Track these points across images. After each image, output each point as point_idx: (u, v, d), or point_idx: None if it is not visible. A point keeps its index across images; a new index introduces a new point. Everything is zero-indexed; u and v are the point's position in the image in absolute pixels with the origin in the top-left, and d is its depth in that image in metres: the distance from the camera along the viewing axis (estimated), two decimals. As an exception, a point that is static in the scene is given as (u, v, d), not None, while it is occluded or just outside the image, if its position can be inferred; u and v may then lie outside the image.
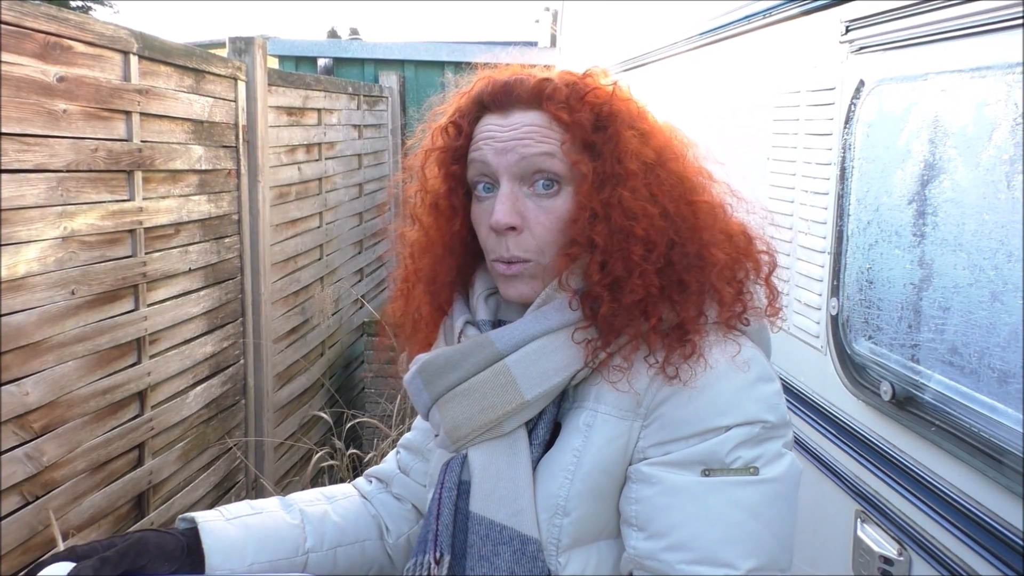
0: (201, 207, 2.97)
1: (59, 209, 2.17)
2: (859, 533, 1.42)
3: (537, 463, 0.93)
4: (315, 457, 3.78)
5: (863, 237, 1.42)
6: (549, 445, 0.93)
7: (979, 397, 1.11)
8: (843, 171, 1.49)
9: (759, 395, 0.89)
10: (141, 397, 2.58)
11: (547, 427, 0.93)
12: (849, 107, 1.47)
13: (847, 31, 1.49)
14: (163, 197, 2.69)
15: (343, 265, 4.78)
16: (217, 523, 1.04)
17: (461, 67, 1.09)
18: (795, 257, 1.70)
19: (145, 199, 2.56)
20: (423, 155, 1.06)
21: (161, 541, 0.99)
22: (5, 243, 1.99)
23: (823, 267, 1.57)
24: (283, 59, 7.14)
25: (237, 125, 3.26)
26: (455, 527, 0.93)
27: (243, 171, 3.31)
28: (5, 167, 1.98)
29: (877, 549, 1.35)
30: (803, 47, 1.71)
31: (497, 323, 1.00)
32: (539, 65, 1.03)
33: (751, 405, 0.87)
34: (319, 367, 4.32)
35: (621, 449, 0.90)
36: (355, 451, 3.99)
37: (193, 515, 1.04)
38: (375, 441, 4.21)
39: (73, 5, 12.62)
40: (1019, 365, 1.03)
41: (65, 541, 2.14)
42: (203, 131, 2.98)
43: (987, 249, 1.10)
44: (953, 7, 1.19)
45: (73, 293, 2.23)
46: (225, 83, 3.18)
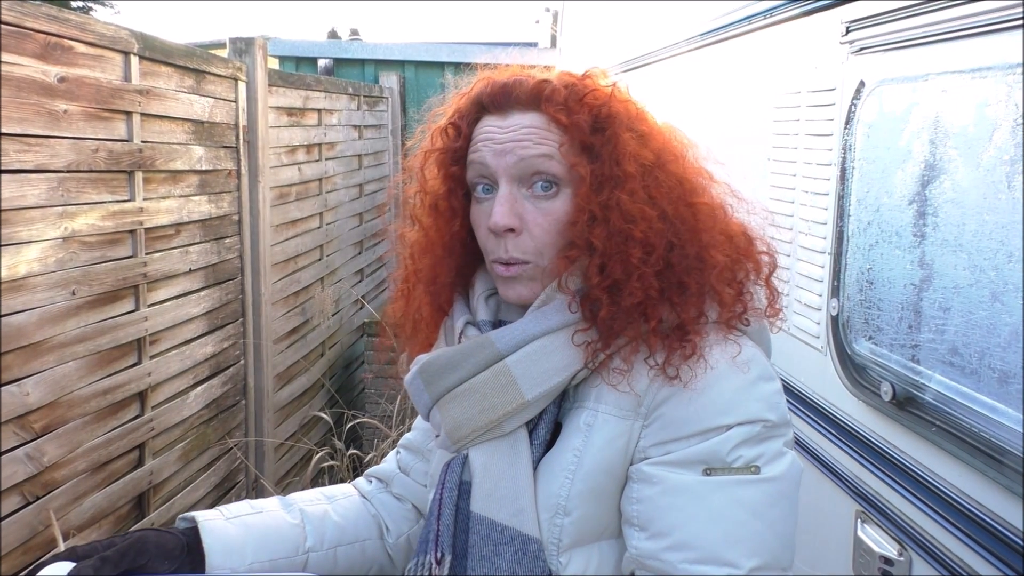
0: (201, 207, 2.97)
1: (60, 209, 2.17)
2: (859, 533, 1.42)
3: (538, 463, 0.93)
4: (315, 457, 3.78)
5: (863, 237, 1.42)
6: (550, 445, 0.93)
7: (979, 397, 1.11)
8: (843, 172, 1.49)
9: (760, 394, 0.89)
10: (141, 397, 2.58)
11: (548, 427, 0.94)
12: (849, 108, 1.47)
13: (848, 32, 1.49)
14: (163, 197, 2.69)
15: (343, 266, 4.78)
16: (217, 522, 1.04)
17: (461, 68, 1.09)
18: (795, 258, 1.70)
19: (146, 199, 2.56)
20: (422, 156, 1.06)
21: (161, 540, 0.99)
22: (6, 243, 1.99)
23: (823, 267, 1.57)
24: (283, 60, 7.15)
25: (237, 125, 3.26)
26: (456, 527, 0.93)
27: (243, 171, 3.31)
28: (6, 167, 1.99)
29: (877, 549, 1.35)
30: (804, 48, 1.71)
31: (498, 323, 1.00)
32: (538, 66, 1.03)
33: (752, 404, 0.88)
34: (319, 367, 4.32)
35: (622, 449, 0.90)
36: (355, 451, 3.99)
37: (193, 514, 1.04)
38: (375, 442, 4.21)
39: (74, 5, 12.62)
40: (1019, 365, 1.03)
41: (66, 541, 2.14)
42: (203, 131, 2.99)
43: (987, 250, 1.10)
44: (953, 8, 1.19)
45: (74, 293, 2.23)
46: (225, 83, 3.18)
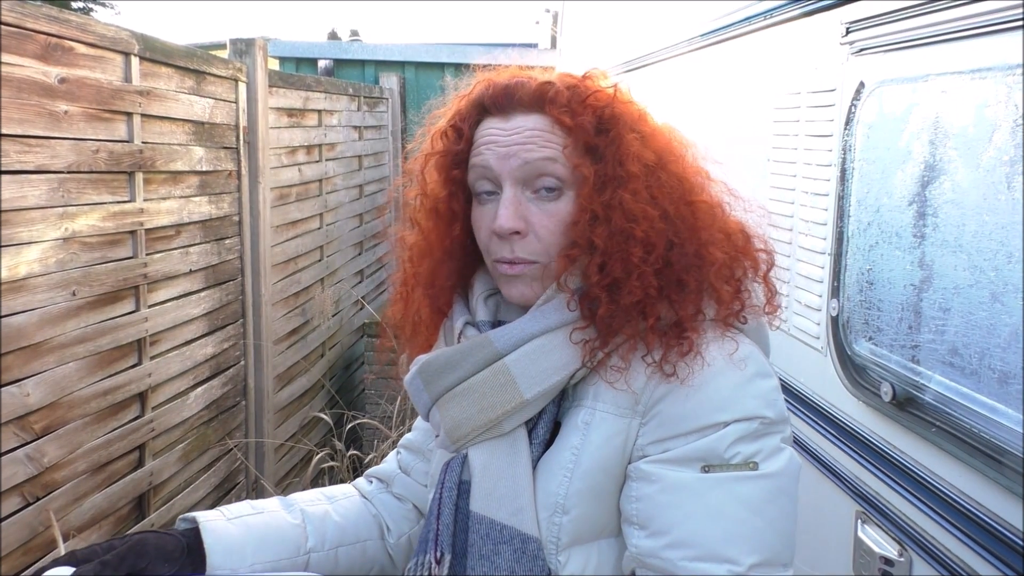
0: (202, 208, 2.97)
1: (60, 210, 2.18)
2: (860, 534, 1.42)
3: (537, 462, 0.93)
4: (315, 458, 3.78)
5: (863, 238, 1.42)
6: (549, 444, 0.94)
7: (979, 398, 1.11)
8: (843, 172, 1.50)
9: (757, 391, 0.89)
10: (142, 398, 2.58)
11: (547, 426, 0.94)
12: (849, 108, 1.48)
13: (848, 33, 1.49)
14: (164, 198, 2.69)
15: (343, 266, 4.78)
16: (218, 522, 1.04)
17: (461, 68, 1.09)
18: (795, 258, 1.70)
19: (146, 200, 2.57)
20: (423, 159, 1.06)
21: (160, 542, 0.98)
22: (6, 244, 1.99)
23: (823, 268, 1.57)
24: (283, 60, 7.15)
25: (238, 126, 3.26)
26: (456, 527, 0.93)
27: (244, 172, 3.31)
28: (6, 168, 1.99)
29: (878, 550, 1.35)
30: (804, 49, 1.71)
31: (497, 324, 1.00)
32: (537, 67, 1.03)
33: (749, 401, 0.88)
34: (319, 368, 4.32)
35: (620, 447, 0.90)
36: (355, 452, 3.99)
37: (194, 515, 1.04)
38: (375, 442, 4.21)
39: (74, 6, 12.63)
40: (1019, 366, 1.03)
41: (66, 542, 2.14)
42: (204, 132, 2.99)
43: (987, 250, 1.10)
44: (953, 9, 1.19)
45: (74, 294, 2.23)
46: (226, 84, 3.19)
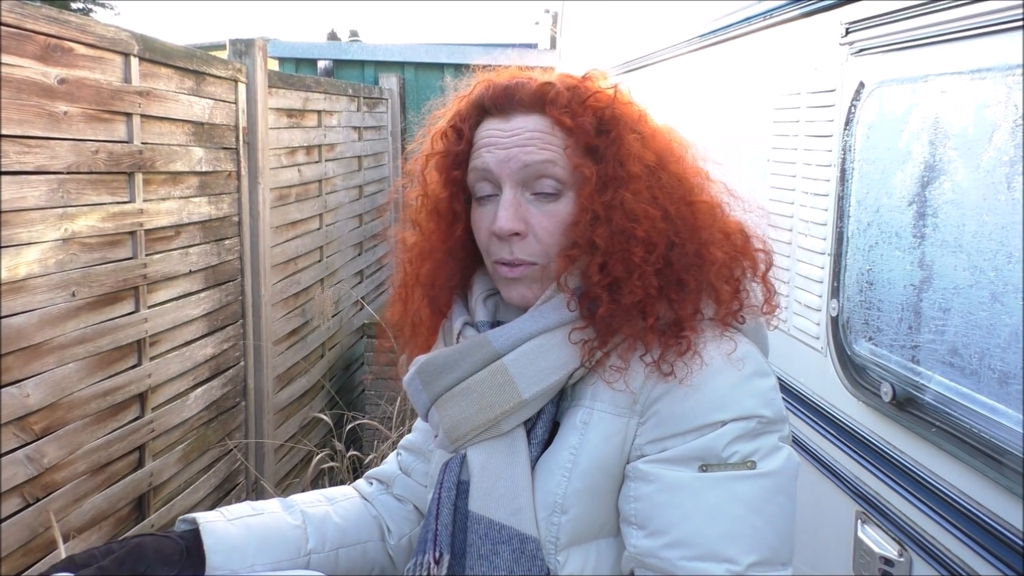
0: (201, 209, 2.97)
1: (60, 211, 2.18)
2: (860, 534, 1.42)
3: (536, 462, 0.93)
4: (315, 459, 3.77)
5: (863, 238, 1.42)
6: (548, 444, 0.94)
7: (979, 398, 1.11)
8: (843, 173, 1.50)
9: (754, 390, 0.89)
10: (142, 399, 2.58)
11: (546, 426, 0.94)
12: (849, 109, 1.47)
13: (847, 33, 1.49)
14: (163, 199, 2.69)
15: (343, 267, 4.78)
16: (218, 523, 1.04)
17: (461, 69, 1.09)
18: (795, 258, 1.70)
19: (146, 201, 2.57)
20: (423, 160, 1.06)
21: (159, 545, 0.98)
22: (6, 245, 1.99)
23: (823, 268, 1.57)
24: (283, 61, 7.15)
25: (237, 127, 3.26)
26: (454, 527, 0.93)
27: (243, 173, 3.31)
28: (6, 169, 1.99)
29: (878, 550, 1.35)
30: (803, 49, 1.71)
31: (496, 324, 1.00)
32: (537, 68, 1.04)
33: (747, 400, 0.88)
34: (319, 369, 4.32)
35: (618, 446, 0.90)
36: (355, 453, 3.99)
37: (194, 516, 1.04)
38: (375, 443, 4.21)
39: (74, 7, 12.63)
40: (1019, 366, 1.03)
41: (66, 543, 2.14)
42: (203, 133, 2.99)
43: (987, 250, 1.10)
44: (953, 9, 1.19)
45: (74, 295, 2.23)
46: (225, 85, 3.19)
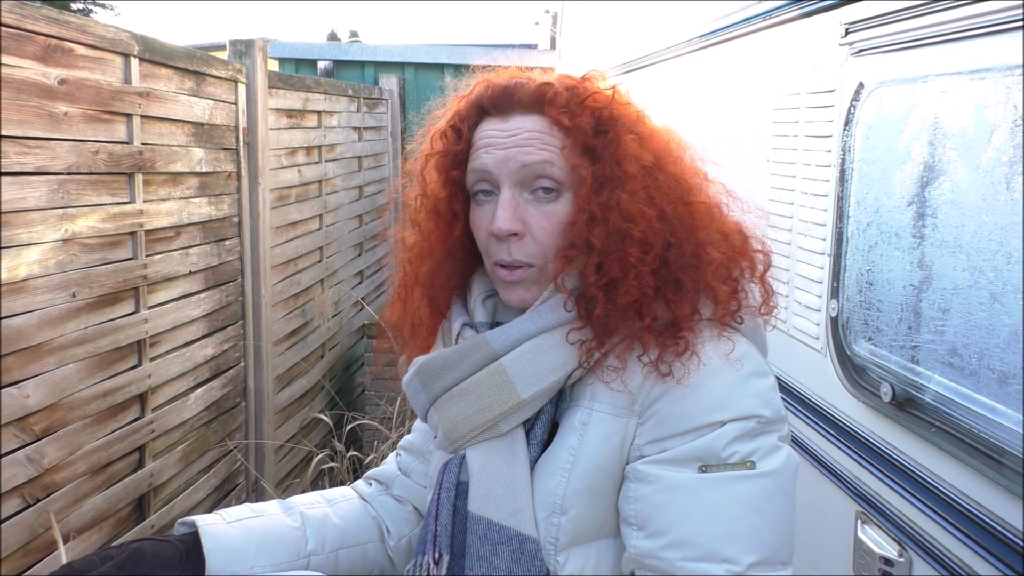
0: (201, 209, 2.97)
1: (60, 211, 2.18)
2: (859, 534, 1.42)
3: (535, 462, 0.93)
4: (315, 459, 3.77)
5: (863, 239, 1.43)
6: (547, 445, 0.94)
7: (979, 398, 1.11)
8: (843, 173, 1.50)
9: (753, 390, 0.89)
10: (142, 399, 2.58)
11: (545, 427, 0.94)
12: (849, 109, 1.48)
13: (847, 33, 1.49)
14: (164, 199, 2.69)
15: (343, 267, 4.78)
16: (218, 526, 1.04)
17: (461, 69, 1.09)
18: (795, 259, 1.70)
19: (146, 201, 2.57)
20: (423, 160, 1.06)
21: (158, 550, 0.98)
22: (6, 245, 1.99)
23: (823, 269, 1.57)
24: (283, 62, 7.15)
25: (237, 127, 3.26)
26: (454, 527, 0.93)
27: (243, 173, 3.31)
28: (6, 170, 1.99)
29: (877, 550, 1.35)
30: (803, 49, 1.71)
31: (494, 325, 1.00)
32: (536, 68, 1.04)
33: (746, 400, 0.88)
34: (319, 369, 4.32)
35: (617, 446, 0.90)
36: (355, 453, 3.99)
37: (193, 518, 1.04)
38: (375, 443, 4.21)
39: (74, 8, 12.64)
40: (1019, 366, 1.03)
41: (66, 544, 2.14)
42: (203, 133, 2.99)
43: (987, 251, 1.10)
44: (953, 9, 1.19)
45: (74, 295, 2.23)
46: (225, 86, 3.19)
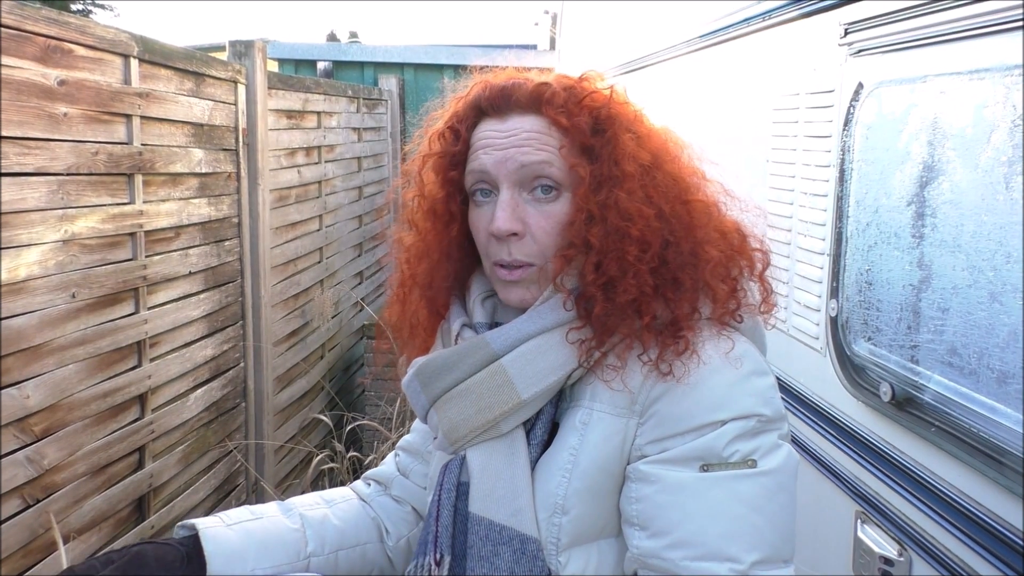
0: (201, 210, 2.97)
1: (60, 212, 2.18)
2: (859, 534, 1.42)
3: (536, 463, 0.93)
4: (315, 460, 3.77)
5: (862, 239, 1.43)
6: (548, 445, 0.94)
7: (979, 398, 1.11)
8: (842, 173, 1.50)
9: (753, 389, 0.89)
10: (142, 400, 2.58)
11: (545, 427, 0.94)
12: (848, 109, 1.48)
13: (846, 34, 1.50)
14: (163, 200, 2.69)
15: (343, 268, 4.78)
16: (218, 529, 1.04)
17: (460, 70, 1.10)
18: (794, 259, 1.70)
19: (145, 202, 2.57)
20: (421, 161, 1.06)
21: (160, 553, 0.98)
22: (6, 246, 1.99)
23: (822, 269, 1.57)
24: (283, 62, 7.16)
25: (237, 128, 3.26)
26: (455, 528, 0.93)
27: (243, 174, 3.31)
28: (6, 170, 1.99)
29: (877, 550, 1.35)
30: (802, 50, 1.72)
31: (494, 325, 1.00)
32: (534, 68, 1.04)
33: (746, 399, 0.88)
34: (319, 370, 4.32)
35: (618, 446, 0.90)
36: (355, 454, 3.99)
37: (193, 522, 1.04)
38: (375, 444, 4.21)
39: (74, 8, 12.65)
40: (1018, 366, 1.03)
41: (66, 544, 2.14)
42: (203, 134, 2.99)
43: (986, 250, 1.10)
44: (952, 9, 1.19)
45: (74, 296, 2.23)
46: (225, 86, 3.19)
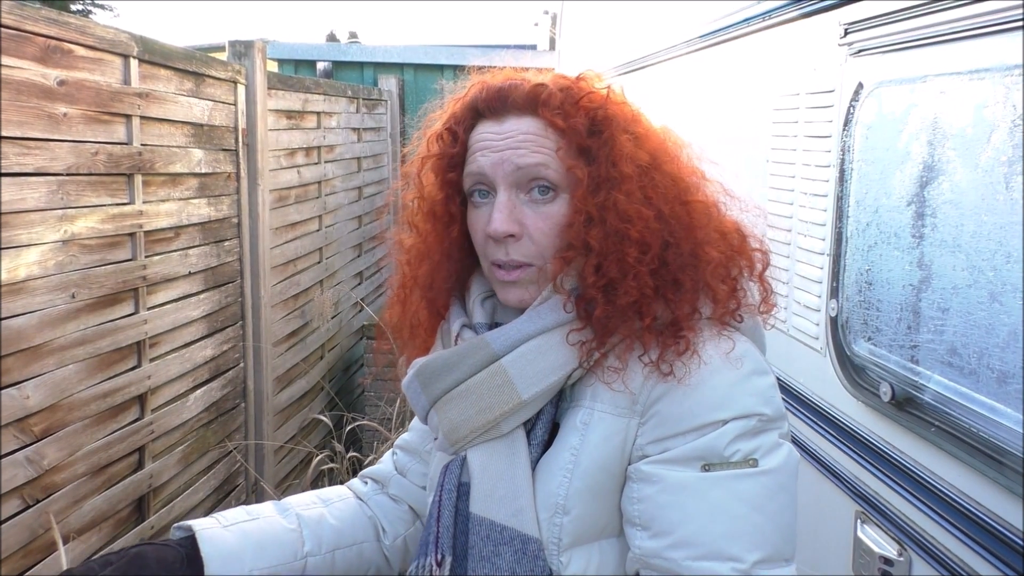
0: (201, 210, 2.97)
1: (59, 212, 2.18)
2: (859, 534, 1.42)
3: (536, 463, 0.93)
4: (315, 460, 3.77)
5: (862, 239, 1.43)
6: (548, 445, 0.94)
7: (978, 398, 1.11)
8: (842, 173, 1.50)
9: (754, 388, 0.89)
10: (141, 400, 2.58)
11: (545, 427, 0.94)
12: (848, 109, 1.48)
13: (846, 34, 1.50)
14: (163, 200, 2.69)
15: (343, 268, 4.78)
16: (215, 530, 1.04)
17: (460, 70, 1.10)
18: (794, 259, 1.70)
19: (145, 202, 2.57)
20: (419, 162, 1.06)
21: (159, 554, 0.98)
22: (6, 246, 1.99)
23: (822, 269, 1.57)
24: (282, 63, 7.16)
25: (237, 128, 3.26)
26: (456, 529, 0.93)
27: (243, 174, 3.31)
28: (6, 170, 1.99)
29: (877, 550, 1.35)
30: (802, 50, 1.72)
31: (493, 326, 1.00)
32: (532, 69, 1.04)
33: (746, 398, 0.88)
34: (319, 370, 4.32)
35: (619, 446, 0.90)
36: (355, 454, 3.99)
37: (190, 523, 1.04)
38: (375, 444, 4.21)
39: (73, 8, 12.65)
40: (1018, 365, 1.03)
41: (66, 544, 2.14)
42: (203, 134, 2.99)
43: (986, 250, 1.10)
44: (952, 9, 1.19)
45: (73, 296, 2.23)
46: (225, 86, 3.19)
